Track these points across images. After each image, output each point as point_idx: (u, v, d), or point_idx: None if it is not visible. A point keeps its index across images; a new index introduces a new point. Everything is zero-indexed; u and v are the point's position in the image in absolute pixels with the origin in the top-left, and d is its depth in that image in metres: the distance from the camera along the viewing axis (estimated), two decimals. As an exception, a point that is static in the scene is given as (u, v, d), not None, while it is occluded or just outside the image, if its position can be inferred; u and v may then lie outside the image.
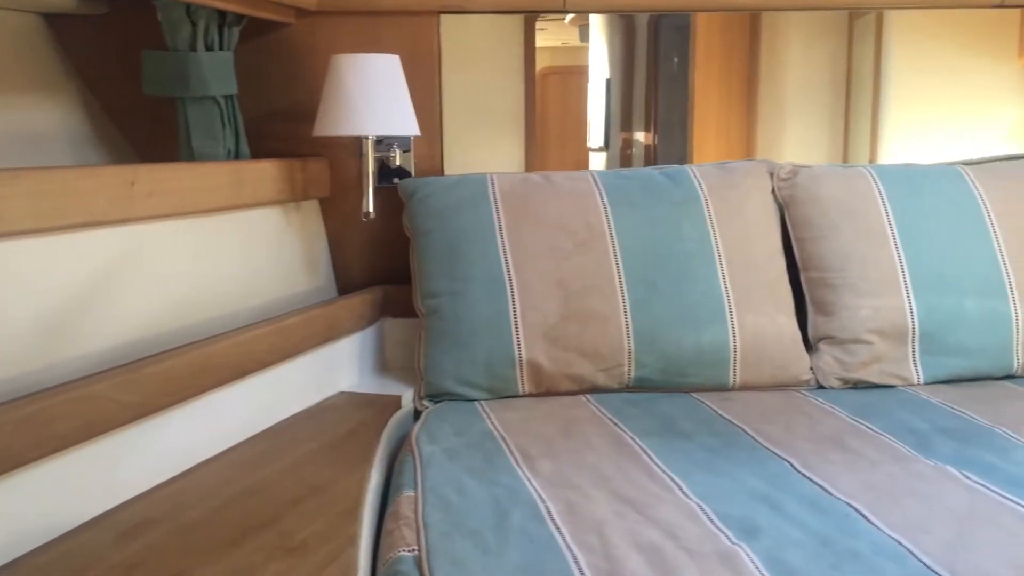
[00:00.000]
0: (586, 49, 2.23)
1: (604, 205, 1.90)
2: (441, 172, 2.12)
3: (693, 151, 2.26)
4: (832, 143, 2.30)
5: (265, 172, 1.83)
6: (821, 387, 1.86)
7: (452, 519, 1.26)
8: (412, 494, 1.36)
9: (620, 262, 1.85)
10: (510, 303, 1.81)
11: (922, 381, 1.85)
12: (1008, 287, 1.86)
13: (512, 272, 1.83)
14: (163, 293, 1.52)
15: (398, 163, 2.07)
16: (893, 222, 1.91)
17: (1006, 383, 1.85)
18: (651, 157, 2.27)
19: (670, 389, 1.84)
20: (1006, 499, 1.28)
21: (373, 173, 1.92)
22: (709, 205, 1.91)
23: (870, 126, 2.28)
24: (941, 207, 1.93)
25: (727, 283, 1.85)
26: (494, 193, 1.91)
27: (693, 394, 1.82)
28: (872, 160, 2.26)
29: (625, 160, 2.27)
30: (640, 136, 2.28)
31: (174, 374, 1.39)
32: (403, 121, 1.87)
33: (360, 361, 1.96)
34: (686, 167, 2.00)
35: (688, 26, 2.22)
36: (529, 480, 1.39)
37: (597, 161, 2.28)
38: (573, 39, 2.23)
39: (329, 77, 1.83)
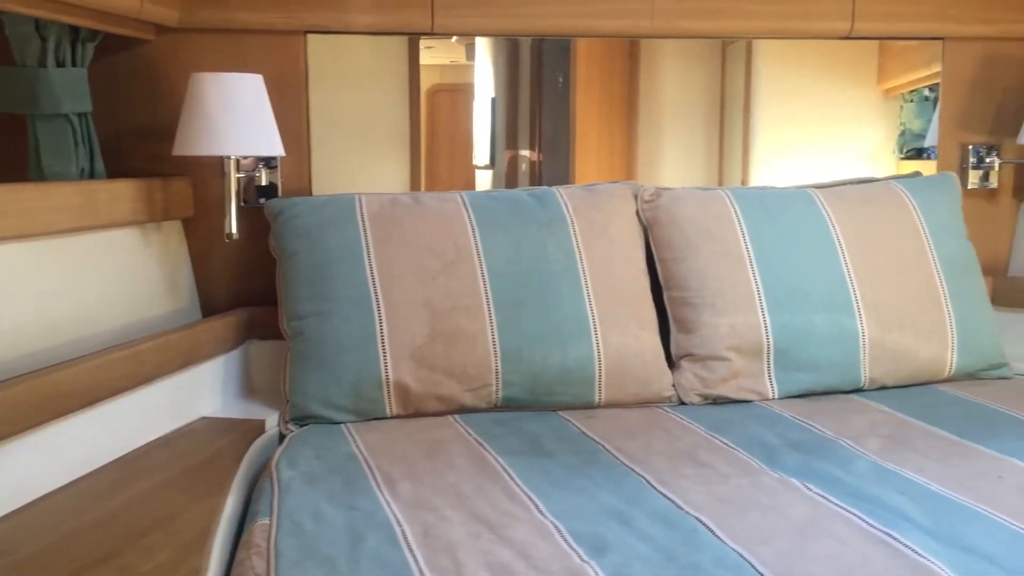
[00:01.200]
0: (472, 68, 2.25)
1: (472, 226, 1.92)
2: (309, 192, 2.10)
3: (575, 170, 2.30)
4: (708, 164, 2.38)
5: (121, 192, 1.78)
6: (683, 403, 1.91)
7: (305, 546, 1.25)
8: (267, 521, 1.34)
9: (487, 282, 1.87)
10: (377, 324, 1.80)
11: (777, 396, 1.92)
12: (855, 305, 1.96)
13: (379, 293, 1.82)
14: (7, 319, 1.46)
15: (264, 183, 2.04)
16: (749, 243, 1.98)
17: (854, 396, 1.94)
18: (536, 175, 2.30)
19: (537, 408, 1.86)
20: (844, 510, 1.34)
21: (236, 193, 1.89)
22: (575, 226, 1.95)
23: (742, 148, 2.37)
24: (793, 228, 2.02)
25: (592, 302, 1.89)
26: (362, 214, 1.90)
27: (559, 412, 1.85)
28: (744, 181, 2.34)
29: (511, 178, 2.30)
30: (526, 154, 2.31)
31: (15, 403, 1.33)
32: (267, 141, 1.85)
33: (224, 385, 1.91)
34: (553, 189, 2.03)
35: (569, 48, 2.26)
36: (388, 503, 1.39)
37: (483, 179, 2.30)
38: (461, 57, 2.24)
39: (189, 95, 1.80)
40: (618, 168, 2.32)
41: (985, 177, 2.34)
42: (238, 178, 1.91)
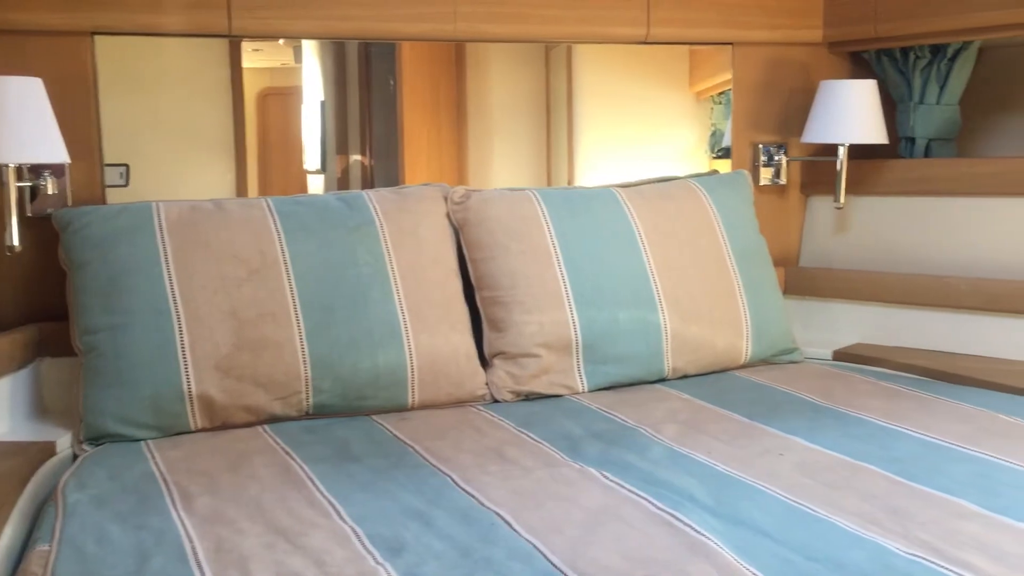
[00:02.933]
0: (301, 70, 2.20)
1: (278, 232, 1.88)
2: (103, 201, 2.00)
3: (405, 173, 2.29)
4: (537, 164, 2.42)
5: None
6: (496, 401, 1.94)
7: (86, 570, 1.19)
8: (46, 547, 1.27)
9: (295, 289, 1.84)
10: (177, 336, 1.74)
11: (586, 389, 1.98)
12: (657, 299, 2.04)
13: (179, 303, 1.76)
14: None
15: (51, 192, 1.93)
16: (556, 241, 2.03)
17: (658, 386, 2.02)
18: (368, 180, 2.28)
19: (351, 413, 1.85)
20: (635, 494, 1.40)
21: (16, 203, 1.78)
22: (384, 229, 1.95)
23: (567, 149, 2.42)
24: (598, 227, 2.08)
25: (403, 305, 1.89)
26: (160, 222, 1.83)
27: (373, 417, 1.84)
28: (570, 181, 2.40)
29: (343, 182, 2.27)
30: (357, 158, 2.29)
31: None
32: (48, 148, 1.75)
33: (11, 407, 1.80)
34: (363, 192, 2.03)
35: (395, 51, 2.25)
36: (182, 520, 1.34)
37: (316, 184, 2.26)
38: (291, 60, 2.20)
39: (-43, 100, 1.68)
40: (449, 171, 2.34)
41: (776, 174, 2.49)
42: (19, 187, 1.80)
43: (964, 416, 1.74)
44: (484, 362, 1.98)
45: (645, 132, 2.51)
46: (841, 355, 2.25)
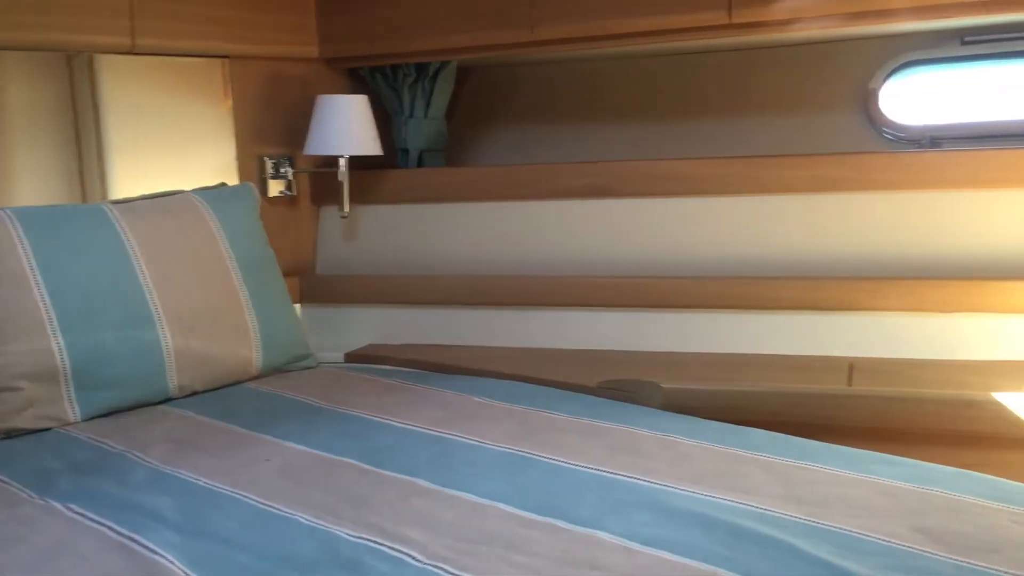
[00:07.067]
0: None
1: None
2: None
3: None
4: (69, 182, 2.23)
5: None
6: (-30, 445, 1.75)
7: None
8: None
9: None
10: None
11: (79, 418, 1.86)
12: (156, 317, 1.97)
13: None
14: None
15: None
16: (34, 264, 1.88)
17: (162, 406, 1.95)
18: None
19: None
20: (98, 524, 1.34)
21: None
22: None
23: (98, 164, 2.25)
24: (84, 246, 1.96)
25: None
26: None
27: None
28: (104, 197, 2.25)
29: None
30: None
31: None
32: None
33: None
34: None
35: None
36: None
37: None
38: None
39: None
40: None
41: (288, 187, 2.55)
42: None
43: (443, 403, 1.91)
44: (-47, 403, 1.78)
45: (184, 146, 2.43)
46: (352, 357, 2.36)
